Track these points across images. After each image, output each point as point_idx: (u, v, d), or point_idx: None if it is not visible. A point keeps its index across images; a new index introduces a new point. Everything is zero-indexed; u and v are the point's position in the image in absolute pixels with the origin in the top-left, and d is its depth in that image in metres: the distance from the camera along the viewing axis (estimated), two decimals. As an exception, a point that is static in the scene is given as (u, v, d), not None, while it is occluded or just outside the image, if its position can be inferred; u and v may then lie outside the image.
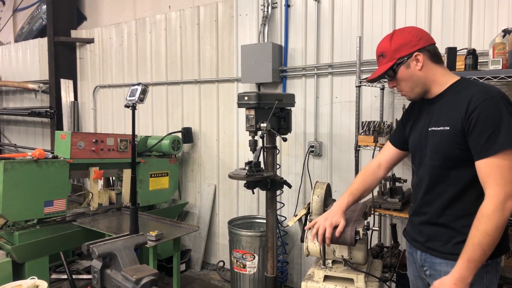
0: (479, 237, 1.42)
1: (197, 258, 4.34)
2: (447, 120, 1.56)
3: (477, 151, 1.46)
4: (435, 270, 1.64)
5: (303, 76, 3.65)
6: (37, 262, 3.15)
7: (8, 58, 6.96)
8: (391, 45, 1.64)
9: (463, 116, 1.49)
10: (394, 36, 1.66)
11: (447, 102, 1.60)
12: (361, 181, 1.95)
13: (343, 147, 3.43)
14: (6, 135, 7.10)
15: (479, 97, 1.47)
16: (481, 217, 1.43)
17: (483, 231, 1.41)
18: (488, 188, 1.44)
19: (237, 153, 4.14)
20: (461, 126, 1.49)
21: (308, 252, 2.23)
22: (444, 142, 1.56)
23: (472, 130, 1.46)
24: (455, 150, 1.53)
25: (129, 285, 1.47)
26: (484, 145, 1.44)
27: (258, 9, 3.85)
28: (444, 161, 1.57)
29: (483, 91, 1.50)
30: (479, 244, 1.42)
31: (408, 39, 1.62)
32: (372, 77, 1.74)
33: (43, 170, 3.15)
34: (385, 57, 1.66)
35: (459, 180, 1.56)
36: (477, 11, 2.78)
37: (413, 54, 1.61)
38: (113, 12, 5.48)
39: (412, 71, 1.63)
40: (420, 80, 1.63)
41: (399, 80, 1.67)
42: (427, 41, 1.63)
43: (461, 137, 1.50)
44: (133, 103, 2.70)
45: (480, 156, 1.45)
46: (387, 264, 2.56)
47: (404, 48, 1.62)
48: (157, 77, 4.85)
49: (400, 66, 1.63)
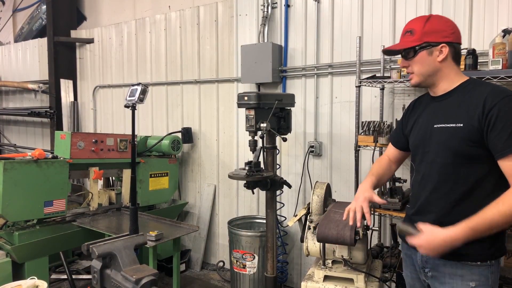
0: (495, 213, 1.40)
1: (197, 258, 4.34)
2: (460, 117, 1.54)
3: (499, 148, 1.45)
4: (439, 272, 1.62)
5: (303, 76, 3.65)
6: (37, 262, 3.15)
7: (8, 58, 6.96)
8: (425, 27, 1.60)
9: (480, 114, 1.48)
10: (431, 19, 1.62)
11: (457, 100, 1.59)
12: (378, 166, 1.94)
13: (343, 147, 3.43)
14: (6, 135, 7.10)
15: (496, 95, 1.48)
16: (506, 199, 1.41)
17: (503, 211, 1.40)
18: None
19: (237, 153, 4.14)
20: (478, 123, 1.48)
21: (308, 252, 2.23)
22: (455, 139, 1.54)
23: (492, 128, 1.45)
24: (466, 147, 1.52)
25: (129, 285, 1.47)
26: (507, 141, 1.43)
27: (258, 9, 3.85)
28: (455, 159, 1.55)
29: (498, 89, 1.51)
30: (491, 220, 1.40)
31: (443, 28, 1.60)
32: (392, 48, 1.70)
33: (43, 170, 3.15)
34: (413, 34, 1.62)
35: (469, 178, 1.54)
36: (477, 11, 2.78)
37: (440, 44, 1.59)
38: (113, 12, 5.48)
39: (432, 60, 1.60)
40: (434, 70, 1.62)
41: (415, 62, 1.63)
42: (457, 39, 1.62)
43: (476, 134, 1.49)
44: (132, 103, 2.70)
45: (504, 153, 1.44)
46: (387, 264, 2.56)
47: (435, 35, 1.59)
48: (157, 77, 4.85)
49: (423, 50, 1.60)
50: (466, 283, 1.55)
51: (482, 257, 1.54)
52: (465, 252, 1.52)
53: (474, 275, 1.54)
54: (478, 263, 1.54)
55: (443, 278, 1.60)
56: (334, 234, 1.94)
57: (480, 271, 1.54)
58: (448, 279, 1.59)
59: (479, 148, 1.50)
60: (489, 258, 1.54)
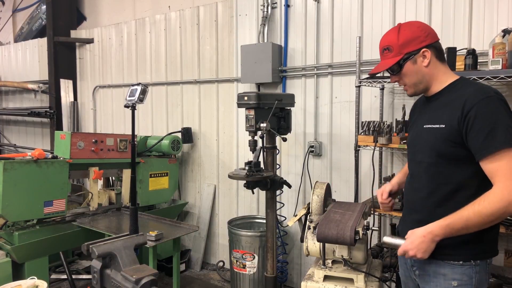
0: (470, 213, 1.43)
1: (197, 258, 4.34)
2: (443, 119, 1.56)
3: (477, 149, 1.46)
4: (424, 271, 1.64)
5: (303, 76, 3.65)
6: (36, 262, 3.15)
7: (8, 58, 6.96)
8: (399, 39, 1.59)
9: (459, 115, 1.49)
10: (401, 30, 1.61)
11: (443, 101, 1.60)
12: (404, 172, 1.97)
13: (343, 147, 3.43)
14: (5, 135, 7.10)
15: (475, 97, 1.47)
16: (483, 200, 1.42)
17: (478, 211, 1.42)
18: (498, 182, 1.43)
19: (237, 153, 4.14)
20: (457, 125, 1.49)
21: (308, 252, 2.23)
22: (439, 139, 1.55)
23: (470, 129, 1.46)
24: (449, 148, 1.53)
25: (129, 285, 1.47)
26: (484, 142, 1.43)
27: (258, 9, 3.85)
28: (438, 159, 1.57)
29: (479, 90, 1.50)
30: (467, 219, 1.43)
31: (416, 34, 1.58)
32: (376, 71, 1.70)
33: (42, 170, 3.14)
34: (392, 51, 1.61)
35: (452, 179, 1.55)
36: (477, 11, 2.78)
37: (420, 50, 1.58)
38: (112, 12, 5.48)
39: (418, 67, 1.60)
40: (424, 76, 1.62)
41: (404, 75, 1.64)
42: (434, 37, 1.62)
43: (456, 136, 1.50)
44: (132, 103, 2.70)
45: (482, 154, 1.45)
46: (387, 264, 2.56)
47: (412, 44, 1.58)
48: (156, 77, 4.85)
49: (406, 62, 1.60)
50: (448, 282, 1.57)
51: (464, 257, 1.55)
52: (448, 252, 1.55)
53: (456, 275, 1.55)
54: (460, 263, 1.55)
55: (428, 277, 1.62)
56: (334, 234, 1.94)
57: (463, 271, 1.55)
58: (432, 277, 1.61)
59: (462, 149, 1.51)
60: (472, 258, 1.55)
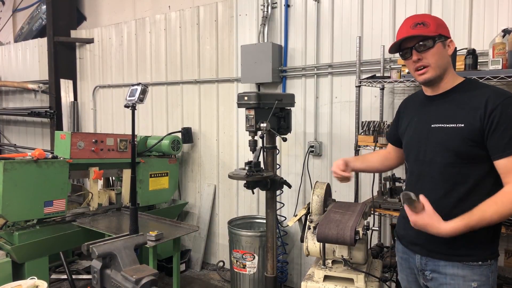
0: (493, 215, 1.42)
1: (197, 258, 4.34)
2: (460, 118, 1.55)
3: (500, 149, 1.47)
4: (439, 273, 1.61)
5: (303, 76, 3.65)
6: (37, 262, 3.15)
7: (8, 58, 6.96)
8: (435, 19, 1.59)
9: (482, 114, 1.49)
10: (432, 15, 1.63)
11: (456, 100, 1.59)
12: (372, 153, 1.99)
13: (343, 147, 3.43)
14: (6, 135, 7.10)
15: (497, 97, 1.49)
16: (503, 201, 1.43)
17: (501, 212, 1.42)
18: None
19: (237, 153, 4.14)
20: (480, 124, 1.49)
21: (308, 252, 2.23)
22: (456, 139, 1.54)
23: (495, 129, 1.46)
24: (467, 148, 1.52)
25: (129, 285, 1.47)
26: (509, 142, 1.45)
27: (258, 9, 3.85)
28: (455, 159, 1.55)
29: (498, 91, 1.53)
30: (489, 221, 1.43)
31: (446, 25, 1.63)
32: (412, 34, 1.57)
33: (42, 170, 3.14)
34: (428, 26, 1.56)
35: (469, 178, 1.54)
36: (477, 11, 2.78)
37: (448, 39, 1.61)
38: (112, 12, 5.48)
39: (446, 53, 1.60)
40: (446, 64, 1.61)
41: (432, 53, 1.57)
42: None
43: (477, 135, 1.50)
44: (132, 103, 2.70)
45: (504, 154, 1.46)
46: (387, 264, 2.56)
47: (445, 29, 1.61)
48: (156, 77, 4.85)
49: (439, 42, 1.57)
50: (468, 284, 1.55)
51: (483, 257, 1.55)
52: (467, 253, 1.54)
53: (475, 275, 1.54)
54: (479, 263, 1.54)
55: (445, 280, 1.59)
56: (334, 234, 1.94)
57: (481, 271, 1.54)
58: (450, 280, 1.58)
59: (479, 148, 1.51)
60: (489, 258, 1.55)
